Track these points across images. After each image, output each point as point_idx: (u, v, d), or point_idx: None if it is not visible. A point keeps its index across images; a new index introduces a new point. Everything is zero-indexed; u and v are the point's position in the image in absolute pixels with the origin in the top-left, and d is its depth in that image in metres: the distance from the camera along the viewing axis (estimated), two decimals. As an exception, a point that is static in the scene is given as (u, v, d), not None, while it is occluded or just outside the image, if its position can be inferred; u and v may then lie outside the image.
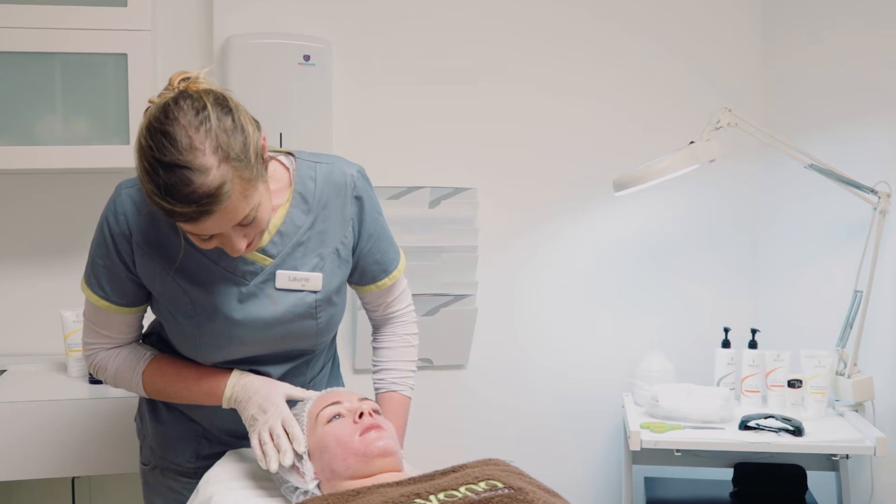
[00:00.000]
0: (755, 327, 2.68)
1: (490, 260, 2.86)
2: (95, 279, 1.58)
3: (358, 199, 1.64)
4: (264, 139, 1.46)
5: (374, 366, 1.80)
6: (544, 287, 2.93)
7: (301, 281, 1.58)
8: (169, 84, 1.41)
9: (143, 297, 1.61)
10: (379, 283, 1.74)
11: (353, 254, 1.66)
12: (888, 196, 2.43)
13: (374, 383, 1.79)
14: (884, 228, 2.44)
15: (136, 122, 2.37)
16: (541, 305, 2.94)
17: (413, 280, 2.73)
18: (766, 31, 2.94)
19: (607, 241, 2.95)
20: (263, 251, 1.57)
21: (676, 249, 2.97)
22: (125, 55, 2.41)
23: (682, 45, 2.93)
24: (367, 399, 1.59)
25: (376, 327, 1.83)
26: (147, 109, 1.39)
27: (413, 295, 2.71)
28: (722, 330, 2.69)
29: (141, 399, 1.80)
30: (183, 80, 1.40)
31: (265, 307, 1.58)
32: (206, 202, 1.33)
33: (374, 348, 1.81)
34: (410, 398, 1.78)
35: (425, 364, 2.85)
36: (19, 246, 2.68)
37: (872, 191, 2.43)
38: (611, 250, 2.95)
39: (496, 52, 2.85)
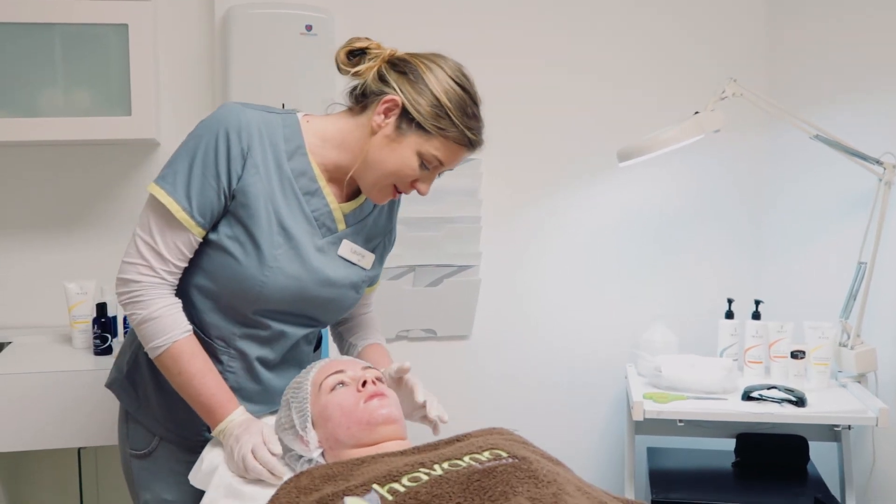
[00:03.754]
0: (759, 298, 2.68)
1: (493, 231, 2.86)
2: (184, 189, 1.54)
3: (396, 214, 1.83)
4: None
5: (357, 345, 1.86)
6: (548, 258, 2.93)
7: (359, 255, 1.71)
8: (375, 46, 1.65)
9: (212, 226, 1.59)
10: (374, 286, 1.87)
11: (383, 253, 1.82)
12: (894, 167, 2.42)
13: (357, 345, 1.85)
14: (889, 199, 2.43)
15: (138, 92, 2.41)
16: (544, 276, 2.94)
17: (417, 251, 2.74)
18: (770, 2, 2.92)
19: (611, 212, 2.94)
20: (345, 216, 1.67)
21: (680, 221, 2.96)
22: (126, 25, 2.40)
23: (686, 16, 2.90)
24: (370, 367, 1.59)
25: (351, 328, 1.89)
26: (434, 62, 1.60)
27: (416, 266, 2.75)
28: (725, 301, 2.69)
29: (136, 371, 1.72)
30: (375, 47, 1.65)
31: (330, 266, 1.66)
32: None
33: (357, 345, 1.85)
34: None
35: (429, 335, 2.86)
36: (22, 218, 2.68)
37: (878, 162, 2.42)
38: (615, 222, 2.95)
39: (500, 24, 2.83)
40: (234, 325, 1.64)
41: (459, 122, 1.57)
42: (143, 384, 1.71)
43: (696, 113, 2.45)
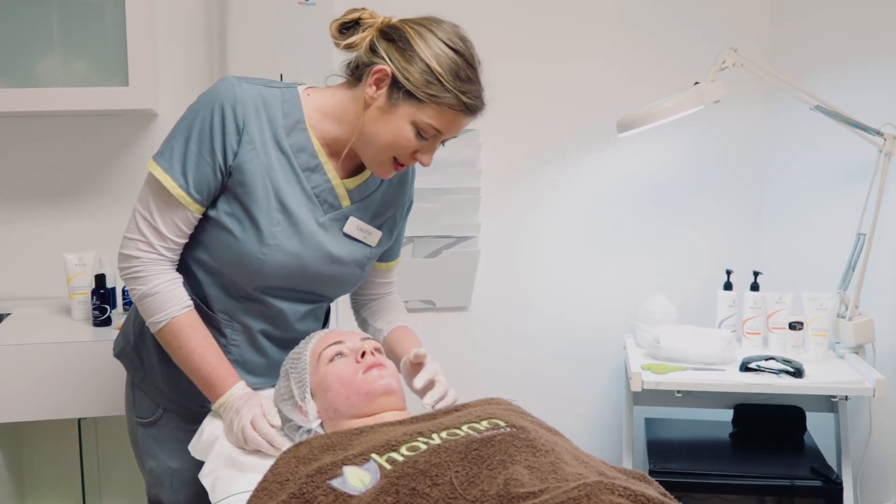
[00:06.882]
0: (757, 270, 2.68)
1: (492, 202, 2.85)
2: (180, 165, 1.53)
3: (413, 183, 1.79)
4: None
5: (383, 330, 1.83)
6: (547, 229, 2.93)
7: (364, 232, 1.68)
8: (369, 15, 1.60)
9: (210, 203, 1.58)
10: (391, 263, 1.86)
11: (397, 226, 1.78)
12: (894, 138, 2.41)
13: (383, 329, 1.82)
14: (889, 171, 2.42)
15: (136, 62, 2.40)
16: (543, 247, 2.94)
17: (415, 222, 2.72)
18: (773, -30, 2.90)
19: (611, 183, 2.94)
20: (349, 192, 1.64)
21: (680, 192, 2.95)
22: (123, -6, 2.39)
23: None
24: (368, 338, 1.59)
25: (375, 312, 1.87)
26: (426, 27, 1.54)
27: (415, 237, 2.74)
28: (724, 272, 2.69)
29: (141, 343, 1.72)
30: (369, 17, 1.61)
31: (333, 243, 1.64)
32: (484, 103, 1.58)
33: (383, 329, 1.82)
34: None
35: (427, 306, 2.86)
36: (20, 189, 2.67)
37: (878, 133, 2.41)
38: (614, 193, 2.94)
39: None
40: (237, 300, 1.63)
41: (452, 87, 1.50)
42: (148, 355, 1.72)
43: (697, 83, 2.43)
